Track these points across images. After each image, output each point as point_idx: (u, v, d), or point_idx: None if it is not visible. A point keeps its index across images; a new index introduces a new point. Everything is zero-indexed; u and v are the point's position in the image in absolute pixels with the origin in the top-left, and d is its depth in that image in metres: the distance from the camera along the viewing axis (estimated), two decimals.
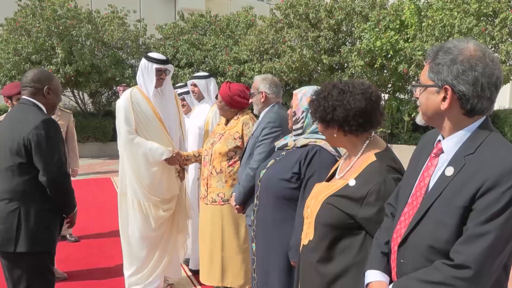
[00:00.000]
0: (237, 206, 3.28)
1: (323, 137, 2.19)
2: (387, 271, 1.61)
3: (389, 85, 11.68)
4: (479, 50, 1.43)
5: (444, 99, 1.45)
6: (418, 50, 9.68)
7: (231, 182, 3.62)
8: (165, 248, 3.93)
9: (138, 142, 3.67)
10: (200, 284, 4.09)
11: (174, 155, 3.76)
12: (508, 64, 9.48)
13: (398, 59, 10.37)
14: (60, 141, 2.70)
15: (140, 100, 3.72)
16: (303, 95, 2.47)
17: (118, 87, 10.52)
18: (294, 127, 2.54)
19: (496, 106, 9.05)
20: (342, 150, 2.24)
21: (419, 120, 1.60)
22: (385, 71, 11.20)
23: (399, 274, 1.54)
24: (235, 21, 15.83)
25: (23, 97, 2.75)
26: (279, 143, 2.67)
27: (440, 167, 1.50)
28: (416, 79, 10.21)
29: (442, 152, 1.51)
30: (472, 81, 1.40)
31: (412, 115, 10.34)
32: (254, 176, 2.99)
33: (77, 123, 13.02)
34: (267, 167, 2.61)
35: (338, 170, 2.03)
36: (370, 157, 1.88)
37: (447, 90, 1.43)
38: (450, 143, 1.49)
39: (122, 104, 3.69)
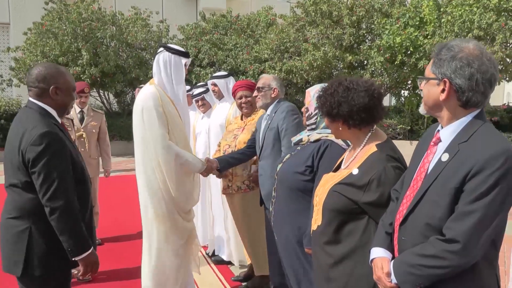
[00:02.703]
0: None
1: None
2: (390, 248, 1.79)
3: (409, 82, 11.70)
4: (477, 49, 1.60)
5: (443, 90, 1.62)
6: None
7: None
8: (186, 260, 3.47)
9: (175, 151, 3.19)
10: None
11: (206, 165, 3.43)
12: None
13: (418, 56, 10.41)
14: (61, 161, 2.23)
15: (166, 101, 3.20)
16: (315, 93, 2.62)
17: (136, 89, 10.74)
18: (307, 122, 2.71)
19: None
20: None
21: (421, 110, 1.78)
22: (405, 67, 11.23)
23: (400, 250, 1.72)
24: (256, 20, 16.00)
25: (29, 99, 2.38)
26: (295, 139, 2.83)
27: (438, 154, 1.66)
28: None
29: (441, 140, 1.67)
30: (468, 76, 1.57)
31: None
32: None
33: None
34: (283, 161, 2.78)
35: (343, 161, 2.21)
36: (371, 148, 2.06)
37: (446, 83, 1.61)
38: (447, 132, 1.65)
39: (153, 104, 3.13)
